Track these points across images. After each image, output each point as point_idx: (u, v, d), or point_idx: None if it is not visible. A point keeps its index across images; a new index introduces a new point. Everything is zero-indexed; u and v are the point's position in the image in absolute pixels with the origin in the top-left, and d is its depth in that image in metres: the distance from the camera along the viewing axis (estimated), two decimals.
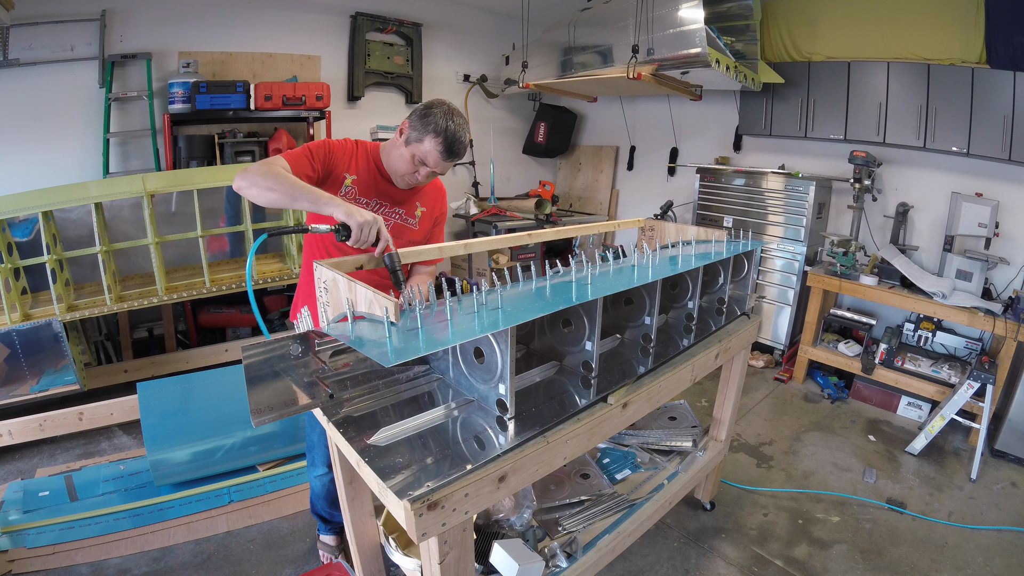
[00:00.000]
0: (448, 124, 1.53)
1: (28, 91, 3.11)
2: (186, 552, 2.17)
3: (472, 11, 4.94)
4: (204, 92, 3.35)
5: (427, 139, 1.54)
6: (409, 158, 1.59)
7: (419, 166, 1.60)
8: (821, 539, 2.35)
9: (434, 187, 1.83)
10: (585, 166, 5.81)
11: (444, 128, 1.53)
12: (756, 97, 4.19)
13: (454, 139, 1.55)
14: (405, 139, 1.59)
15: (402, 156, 1.60)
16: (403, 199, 1.74)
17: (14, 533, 2.22)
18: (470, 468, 1.10)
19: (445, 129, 1.53)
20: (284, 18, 3.91)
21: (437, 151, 1.56)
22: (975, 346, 3.49)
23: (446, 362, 1.46)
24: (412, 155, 1.58)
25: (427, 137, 1.54)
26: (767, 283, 4.13)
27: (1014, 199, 3.34)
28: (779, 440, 3.15)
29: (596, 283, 1.38)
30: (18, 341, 2.60)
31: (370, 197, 1.66)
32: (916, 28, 3.46)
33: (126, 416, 2.77)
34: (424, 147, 1.55)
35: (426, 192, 1.79)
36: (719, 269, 2.04)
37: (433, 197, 1.82)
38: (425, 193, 1.79)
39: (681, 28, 3.35)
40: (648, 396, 1.58)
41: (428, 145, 1.55)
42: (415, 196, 1.76)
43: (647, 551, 2.24)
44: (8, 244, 2.68)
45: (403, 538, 1.59)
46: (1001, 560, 2.24)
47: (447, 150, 1.56)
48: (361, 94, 4.35)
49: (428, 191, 1.80)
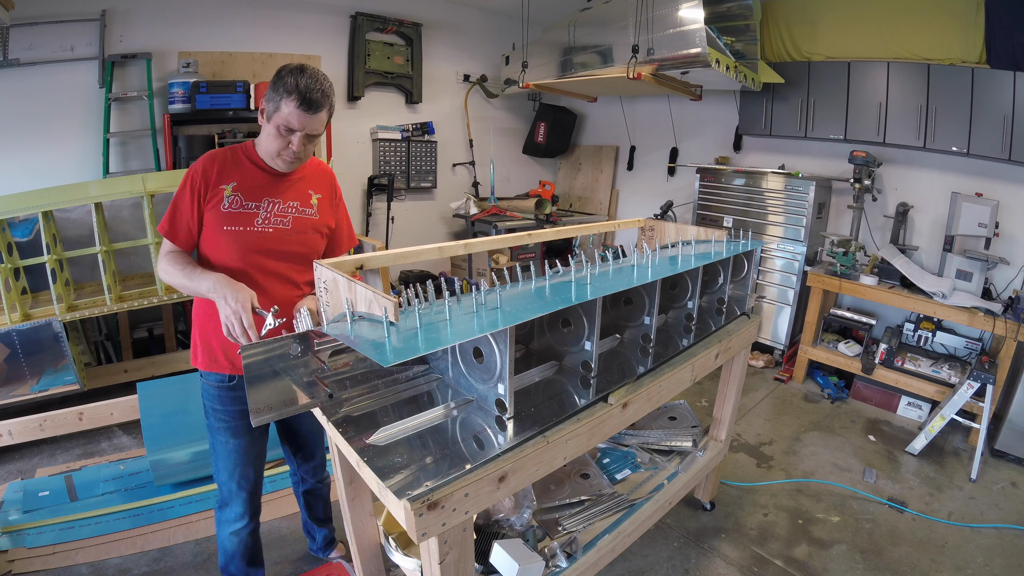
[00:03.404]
0: (297, 80, 1.43)
1: (28, 91, 3.11)
2: (186, 552, 2.17)
3: (472, 11, 4.94)
4: (204, 92, 3.36)
5: (282, 103, 1.44)
6: (275, 132, 1.48)
7: (287, 135, 1.49)
8: (821, 539, 2.35)
9: (320, 170, 1.72)
10: (585, 166, 5.81)
11: (295, 85, 1.42)
12: (756, 97, 4.19)
13: (307, 89, 1.43)
14: (266, 116, 1.50)
15: (268, 134, 1.51)
16: (292, 191, 1.62)
17: (14, 533, 2.22)
18: (470, 468, 1.10)
19: (296, 85, 1.42)
20: (284, 18, 3.92)
21: (295, 108, 1.44)
22: (975, 346, 3.49)
23: (445, 362, 1.46)
24: (276, 127, 1.48)
25: (282, 101, 1.44)
26: (767, 283, 4.13)
27: (1014, 199, 3.34)
28: (779, 440, 3.15)
29: (596, 283, 1.38)
30: (18, 341, 2.61)
31: (258, 199, 1.55)
32: (916, 28, 3.46)
33: (126, 416, 2.77)
34: (283, 112, 1.45)
35: (314, 178, 1.68)
36: (719, 269, 2.04)
37: (324, 180, 1.72)
38: (313, 179, 1.68)
39: (681, 28, 3.36)
40: (648, 396, 1.58)
41: (285, 108, 1.44)
42: (304, 184, 1.65)
43: (647, 551, 2.24)
44: (8, 244, 2.67)
45: (403, 538, 1.58)
46: (1001, 560, 2.24)
47: (303, 102, 1.44)
48: (361, 94, 4.35)
49: (314, 176, 1.69)
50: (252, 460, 1.74)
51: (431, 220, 5.12)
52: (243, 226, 1.52)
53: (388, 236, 4.60)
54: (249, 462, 1.73)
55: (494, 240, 1.84)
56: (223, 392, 1.63)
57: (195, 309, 1.67)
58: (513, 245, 1.94)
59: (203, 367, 1.64)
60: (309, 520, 2.13)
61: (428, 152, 4.84)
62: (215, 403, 1.65)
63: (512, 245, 1.92)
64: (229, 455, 1.69)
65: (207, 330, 1.62)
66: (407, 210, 4.87)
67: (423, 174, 4.86)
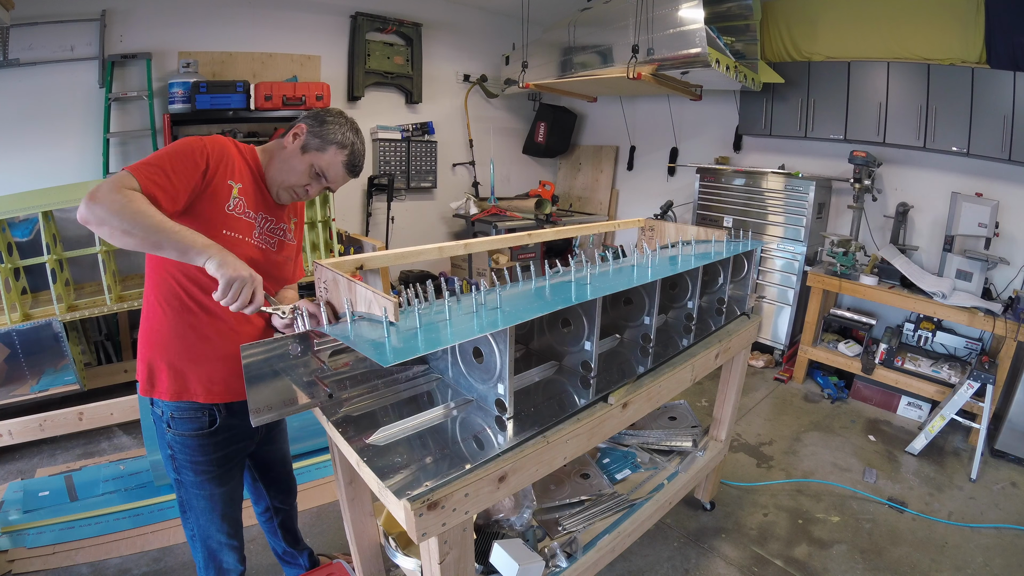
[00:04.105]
0: (354, 138, 1.38)
1: (28, 91, 3.11)
2: (186, 552, 2.17)
3: (472, 11, 4.94)
4: (204, 92, 3.35)
5: (331, 149, 1.36)
6: (305, 169, 1.37)
7: (314, 179, 1.39)
8: (821, 539, 2.35)
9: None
10: (585, 166, 5.81)
11: (352, 142, 1.37)
12: (756, 97, 4.19)
13: (359, 155, 1.40)
14: (301, 145, 1.37)
15: (295, 167, 1.37)
16: (281, 213, 1.49)
17: (14, 533, 2.23)
18: (469, 468, 1.10)
19: (353, 143, 1.37)
20: (284, 18, 3.92)
21: (341, 164, 1.38)
22: (975, 346, 3.49)
23: (445, 362, 1.46)
24: (310, 165, 1.37)
25: (331, 148, 1.36)
26: (767, 283, 4.13)
27: (1014, 199, 3.34)
28: (779, 440, 3.15)
29: (595, 283, 1.38)
30: (18, 341, 2.61)
31: (255, 211, 1.38)
32: (916, 28, 3.46)
33: (126, 416, 2.77)
34: (326, 158, 1.36)
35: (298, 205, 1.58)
36: (719, 269, 2.04)
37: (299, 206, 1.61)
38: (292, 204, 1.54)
39: (681, 28, 3.36)
40: (648, 396, 1.58)
41: (331, 156, 1.36)
42: (291, 210, 1.54)
43: (647, 551, 2.24)
44: (8, 244, 2.67)
45: (403, 538, 1.58)
46: (1001, 560, 2.24)
47: (350, 164, 1.39)
48: (361, 94, 4.35)
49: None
50: (239, 498, 1.54)
51: (431, 220, 5.12)
52: (242, 235, 1.35)
53: (388, 236, 4.60)
54: (238, 501, 1.52)
55: (494, 240, 1.85)
56: (204, 440, 1.36)
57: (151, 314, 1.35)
58: (513, 245, 1.94)
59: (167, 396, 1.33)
60: (289, 549, 1.89)
61: (428, 152, 4.84)
62: (194, 455, 1.37)
63: (512, 245, 1.92)
64: (216, 505, 1.45)
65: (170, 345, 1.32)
66: (407, 210, 4.87)
67: (423, 174, 4.86)
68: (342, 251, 3.55)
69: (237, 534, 1.54)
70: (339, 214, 4.22)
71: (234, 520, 1.52)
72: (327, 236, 3.38)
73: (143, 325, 1.37)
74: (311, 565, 1.97)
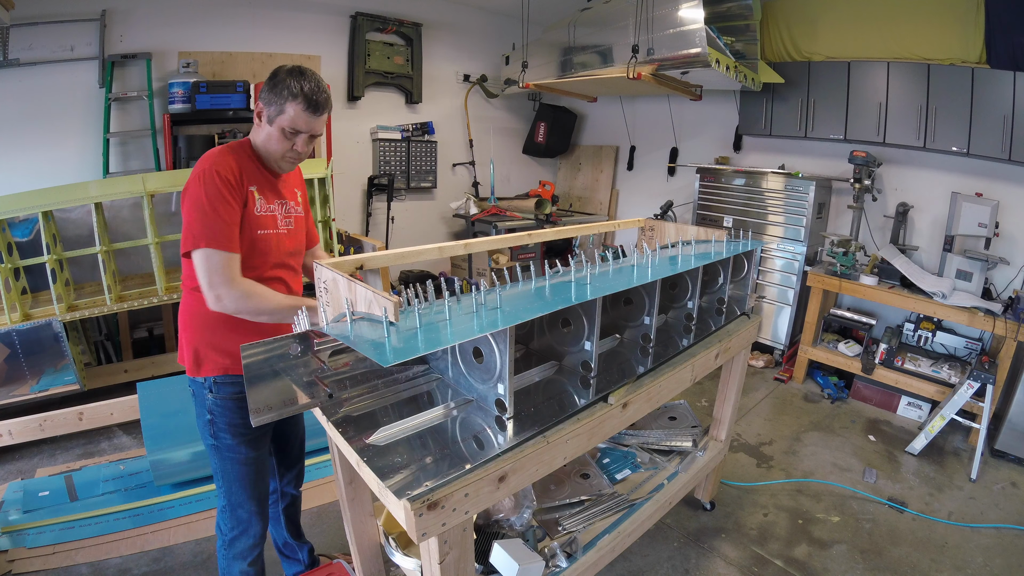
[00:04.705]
0: (301, 84, 1.43)
1: (28, 91, 3.11)
2: (186, 552, 2.17)
3: (472, 11, 4.94)
4: (204, 92, 3.35)
5: (287, 107, 1.43)
6: (279, 134, 1.46)
7: (292, 137, 1.48)
8: (821, 539, 2.35)
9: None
10: (585, 166, 5.81)
11: (300, 88, 1.43)
12: (756, 97, 4.19)
13: (312, 92, 1.44)
14: (267, 119, 1.47)
15: (272, 138, 1.47)
16: (287, 190, 1.62)
17: (14, 533, 2.22)
18: (469, 468, 1.10)
19: (302, 89, 1.43)
20: (284, 18, 3.92)
21: (303, 111, 1.44)
22: (975, 346, 3.49)
23: (445, 362, 1.46)
24: (281, 130, 1.46)
25: (286, 104, 1.43)
26: (767, 283, 4.13)
27: (1014, 199, 3.34)
28: (779, 440, 3.15)
29: (595, 283, 1.38)
30: (18, 341, 2.60)
31: (272, 200, 1.54)
32: (916, 28, 3.46)
33: (126, 416, 2.77)
34: (288, 116, 1.44)
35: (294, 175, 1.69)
36: (719, 269, 2.04)
37: (299, 177, 1.73)
38: (294, 176, 1.69)
39: (681, 28, 3.36)
40: (648, 396, 1.58)
41: (291, 111, 1.43)
42: (290, 182, 1.66)
43: (647, 551, 2.24)
44: (8, 244, 2.67)
45: (403, 538, 1.59)
46: (1001, 560, 2.24)
47: (310, 105, 1.44)
48: (361, 94, 4.35)
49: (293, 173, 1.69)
50: (267, 472, 1.65)
51: (431, 220, 5.12)
52: (271, 229, 1.51)
53: (388, 236, 4.60)
54: (266, 475, 1.64)
55: (494, 240, 1.84)
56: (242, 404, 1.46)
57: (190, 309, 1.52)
58: (513, 245, 1.94)
59: (214, 372, 1.50)
60: (290, 540, 1.94)
61: (428, 152, 4.84)
62: (233, 417, 1.52)
63: (512, 245, 1.92)
64: (249, 471, 1.57)
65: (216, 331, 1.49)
66: (407, 210, 4.87)
67: (423, 174, 4.86)
68: (342, 251, 3.55)
69: (263, 510, 1.64)
70: (339, 214, 4.23)
71: (262, 494, 1.64)
72: (327, 236, 3.38)
73: (183, 314, 1.55)
74: (310, 562, 1.98)
